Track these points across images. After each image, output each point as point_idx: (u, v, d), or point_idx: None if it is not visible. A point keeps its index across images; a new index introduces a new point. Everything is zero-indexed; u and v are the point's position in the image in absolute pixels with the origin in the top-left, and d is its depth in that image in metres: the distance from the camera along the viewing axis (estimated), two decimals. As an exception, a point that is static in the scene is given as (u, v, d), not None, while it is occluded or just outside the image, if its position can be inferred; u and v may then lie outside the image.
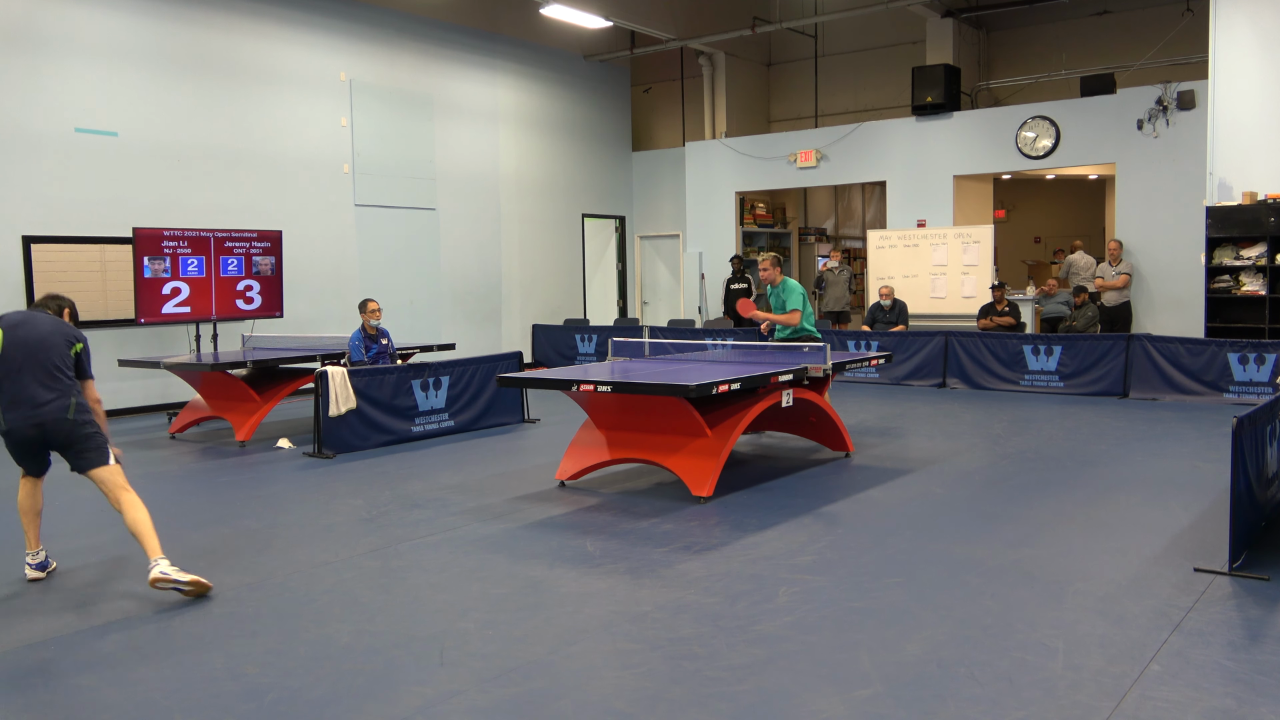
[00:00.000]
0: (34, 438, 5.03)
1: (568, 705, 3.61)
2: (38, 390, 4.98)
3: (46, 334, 5.10)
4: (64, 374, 5.08)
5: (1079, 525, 5.93)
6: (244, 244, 11.57)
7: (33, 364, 5.01)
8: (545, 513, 6.49)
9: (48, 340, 5.08)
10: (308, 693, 3.76)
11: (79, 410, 5.05)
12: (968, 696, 3.60)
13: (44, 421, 4.96)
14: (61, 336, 5.15)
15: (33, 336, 5.06)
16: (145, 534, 4.94)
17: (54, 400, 5.00)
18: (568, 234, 17.29)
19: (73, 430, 5.01)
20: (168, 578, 4.76)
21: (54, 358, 5.06)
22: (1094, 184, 18.62)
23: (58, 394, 5.01)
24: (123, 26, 11.30)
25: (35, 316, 5.20)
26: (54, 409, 4.98)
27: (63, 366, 5.08)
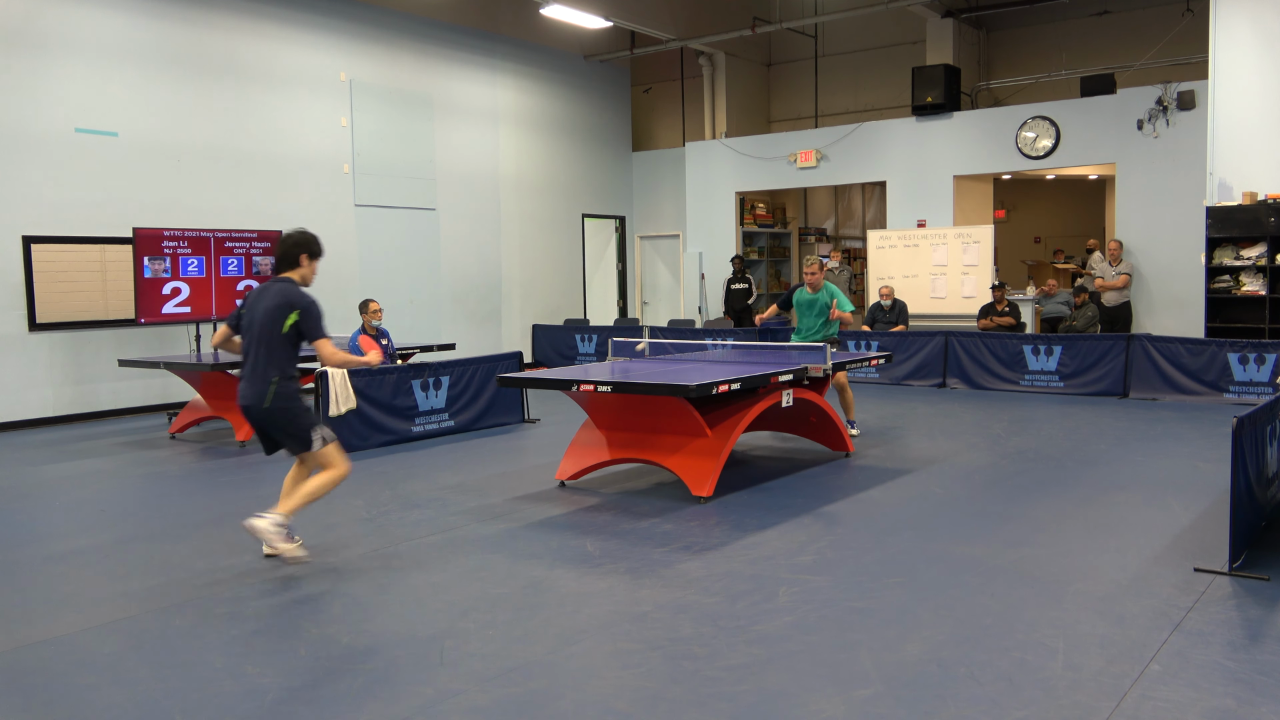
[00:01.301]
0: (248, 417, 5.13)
1: (568, 705, 3.61)
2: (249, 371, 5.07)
3: (262, 307, 5.09)
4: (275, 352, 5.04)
5: (1079, 525, 5.93)
6: (244, 244, 11.57)
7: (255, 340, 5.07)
8: (545, 513, 6.49)
9: (262, 313, 5.08)
10: (308, 693, 3.76)
11: (277, 397, 5.01)
12: (968, 696, 3.60)
13: (249, 403, 5.05)
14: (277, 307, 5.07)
15: (254, 311, 5.12)
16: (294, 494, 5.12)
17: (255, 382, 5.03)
18: (568, 234, 17.29)
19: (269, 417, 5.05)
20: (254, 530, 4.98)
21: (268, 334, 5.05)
22: (1094, 184, 18.62)
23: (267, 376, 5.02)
24: (123, 26, 11.30)
25: (263, 289, 5.20)
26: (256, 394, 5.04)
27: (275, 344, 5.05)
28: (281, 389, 5.02)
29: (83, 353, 11.11)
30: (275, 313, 5.04)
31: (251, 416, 5.11)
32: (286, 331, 5.03)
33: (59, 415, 10.96)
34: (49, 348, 10.85)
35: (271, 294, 5.12)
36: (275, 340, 5.02)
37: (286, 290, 5.14)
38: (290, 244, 5.28)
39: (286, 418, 5.06)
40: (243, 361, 5.13)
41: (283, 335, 5.03)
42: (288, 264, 5.28)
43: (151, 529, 6.30)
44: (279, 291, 5.12)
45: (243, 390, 5.09)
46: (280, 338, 5.02)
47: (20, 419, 10.67)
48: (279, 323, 5.02)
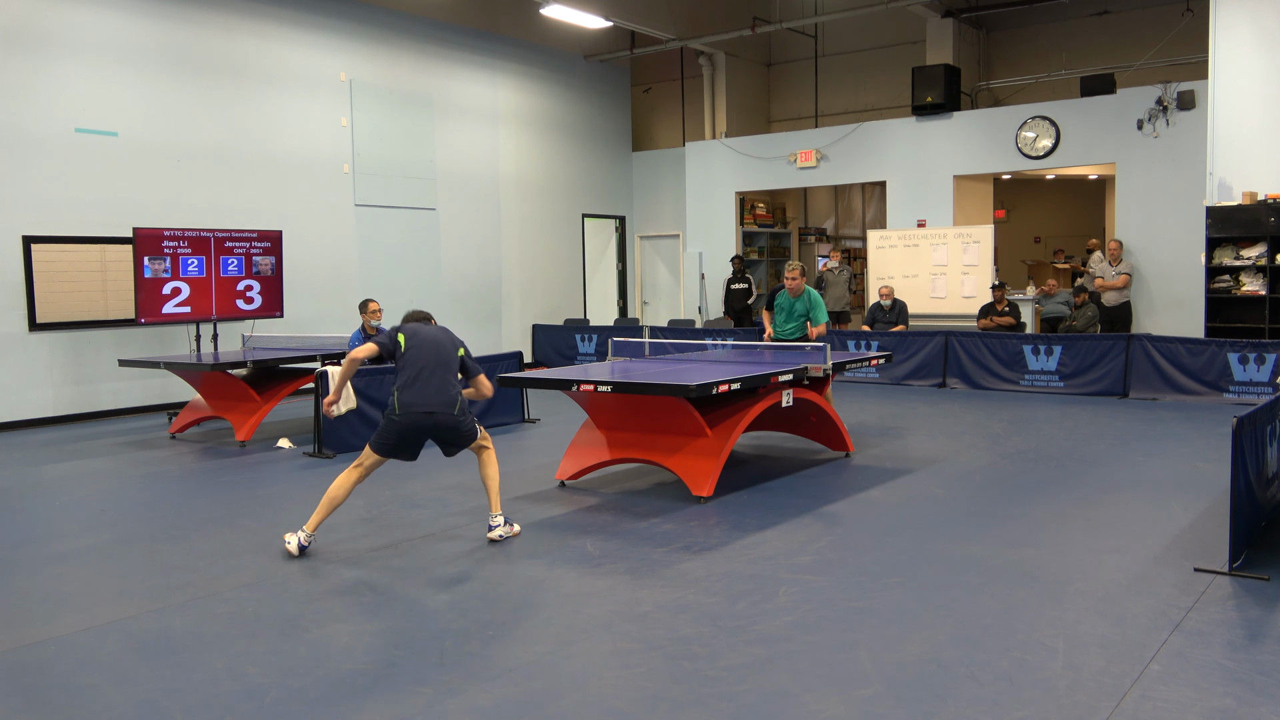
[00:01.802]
0: (425, 425, 5.58)
1: (568, 705, 3.61)
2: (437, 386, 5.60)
3: (441, 339, 5.78)
4: (454, 374, 5.74)
5: (1079, 525, 5.93)
6: (244, 244, 11.57)
7: (435, 363, 5.64)
8: (545, 513, 6.49)
9: (443, 344, 5.75)
10: (308, 693, 3.76)
11: (463, 409, 5.68)
12: (968, 696, 3.60)
13: (436, 412, 5.56)
14: (451, 342, 5.81)
15: (431, 339, 5.72)
16: (491, 488, 5.86)
17: (447, 395, 5.62)
18: (568, 234, 17.29)
19: (457, 425, 5.66)
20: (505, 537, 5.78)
21: (449, 359, 5.73)
22: (1094, 184, 18.62)
23: (453, 390, 5.65)
24: (123, 26, 11.30)
25: (423, 327, 5.84)
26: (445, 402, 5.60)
27: (454, 368, 5.75)
28: (465, 401, 5.75)
29: (83, 353, 11.11)
30: (451, 345, 5.78)
31: (435, 419, 5.58)
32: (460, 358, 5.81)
33: (59, 415, 10.96)
34: (49, 348, 10.85)
35: (436, 329, 5.86)
36: (454, 364, 5.72)
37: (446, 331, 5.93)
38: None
39: (468, 422, 5.75)
40: (417, 378, 5.61)
41: (458, 358, 5.79)
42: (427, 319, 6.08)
43: (151, 529, 6.30)
44: (442, 329, 5.89)
45: (429, 399, 5.56)
46: (457, 361, 5.77)
47: (20, 419, 10.67)
48: (454, 351, 5.77)
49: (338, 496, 5.59)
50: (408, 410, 5.54)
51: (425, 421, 5.59)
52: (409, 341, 5.71)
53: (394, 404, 5.55)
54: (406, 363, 5.64)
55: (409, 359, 5.64)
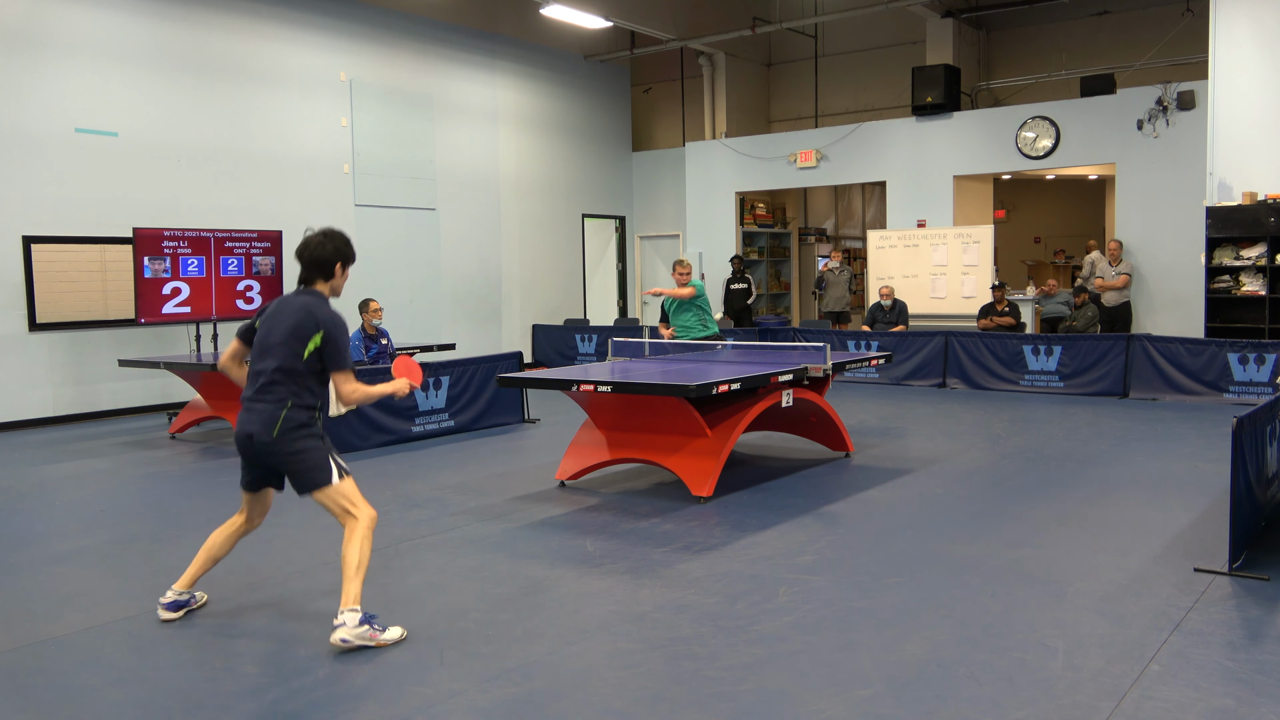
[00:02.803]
0: (247, 452, 4.29)
1: (568, 705, 3.61)
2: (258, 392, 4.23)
3: (292, 318, 4.24)
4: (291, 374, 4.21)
5: (1079, 525, 5.93)
6: (244, 244, 11.57)
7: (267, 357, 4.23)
8: (545, 513, 6.49)
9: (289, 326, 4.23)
10: (308, 693, 3.76)
11: (292, 432, 4.18)
12: (968, 696, 3.60)
13: (253, 434, 4.21)
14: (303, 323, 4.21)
15: (277, 317, 4.28)
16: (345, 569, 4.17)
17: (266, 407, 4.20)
18: (568, 234, 17.28)
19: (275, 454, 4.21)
20: (348, 644, 4.06)
21: (288, 349, 4.20)
22: (1094, 184, 18.62)
23: (278, 397, 4.19)
24: (123, 26, 11.30)
25: (287, 299, 4.34)
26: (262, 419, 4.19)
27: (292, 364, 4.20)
28: (292, 415, 4.17)
29: (83, 353, 11.11)
30: (298, 331, 4.19)
31: (253, 449, 4.23)
32: (307, 358, 4.20)
33: (59, 415, 10.96)
34: (49, 348, 10.85)
35: (293, 309, 4.25)
36: (294, 365, 4.19)
37: (313, 305, 4.26)
38: (326, 250, 4.36)
39: (293, 447, 4.18)
40: (249, 385, 4.28)
41: (304, 361, 4.20)
42: (321, 272, 4.38)
43: (151, 529, 6.30)
44: (303, 306, 4.24)
45: (243, 419, 4.24)
46: (301, 363, 4.20)
47: (20, 419, 10.67)
48: (301, 344, 4.18)
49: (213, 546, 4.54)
50: (236, 431, 4.29)
51: (246, 447, 4.24)
52: (260, 323, 4.34)
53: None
54: (251, 358, 4.33)
55: (253, 351, 4.32)
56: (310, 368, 4.22)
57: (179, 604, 4.54)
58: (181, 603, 4.55)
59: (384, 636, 4.13)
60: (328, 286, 4.42)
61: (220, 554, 4.57)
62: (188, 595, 4.58)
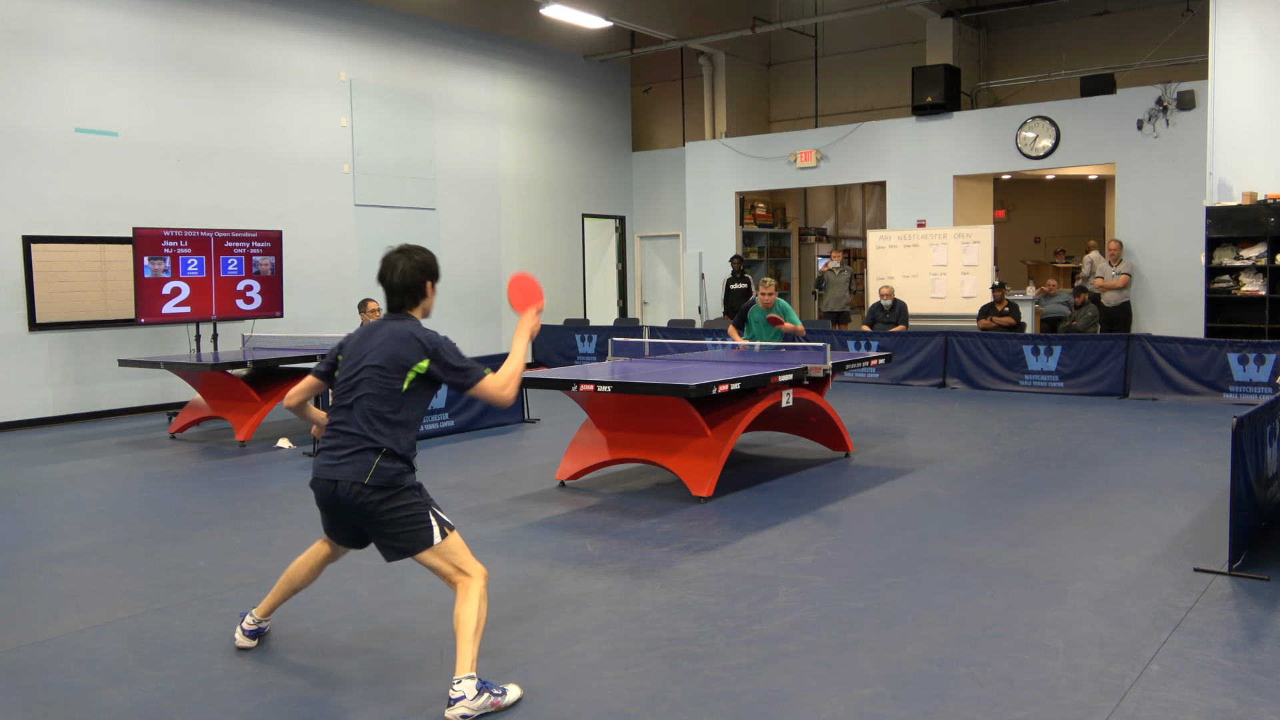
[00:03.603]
0: (330, 504, 3.72)
1: (568, 705, 3.61)
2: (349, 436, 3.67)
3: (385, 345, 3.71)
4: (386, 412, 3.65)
5: (1079, 525, 5.93)
6: (244, 244, 11.57)
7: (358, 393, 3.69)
8: (545, 513, 6.49)
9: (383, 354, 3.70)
10: (308, 693, 3.76)
11: (389, 482, 3.61)
12: (968, 696, 3.60)
13: (339, 481, 3.63)
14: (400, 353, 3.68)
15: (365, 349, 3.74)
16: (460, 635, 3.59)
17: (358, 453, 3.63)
18: (568, 234, 17.29)
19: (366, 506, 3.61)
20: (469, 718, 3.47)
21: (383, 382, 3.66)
22: (1094, 184, 18.62)
23: (373, 443, 3.62)
24: (123, 26, 11.30)
25: (374, 326, 3.79)
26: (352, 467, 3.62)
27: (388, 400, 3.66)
28: (386, 464, 3.61)
29: (83, 353, 11.11)
30: (396, 360, 3.65)
31: (340, 500, 3.64)
32: (407, 390, 3.65)
33: (59, 415, 10.96)
34: (49, 348, 10.85)
35: (386, 335, 3.71)
36: (390, 400, 3.64)
37: (403, 330, 3.71)
38: (415, 266, 3.80)
39: (392, 502, 3.61)
40: (332, 424, 3.74)
41: (402, 395, 3.65)
42: (410, 296, 3.81)
43: (151, 529, 6.30)
44: (394, 334, 3.70)
45: (323, 463, 3.68)
46: (399, 397, 3.65)
47: (20, 419, 10.67)
48: (399, 378, 3.65)
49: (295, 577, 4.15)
50: (314, 478, 3.73)
51: (328, 497, 3.68)
52: (344, 357, 3.82)
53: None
54: (335, 394, 3.78)
55: (337, 386, 3.77)
56: (409, 402, 3.67)
57: (257, 633, 4.21)
58: (259, 631, 4.22)
59: (506, 700, 3.57)
60: (419, 309, 3.84)
61: (303, 585, 4.15)
62: (267, 623, 4.25)
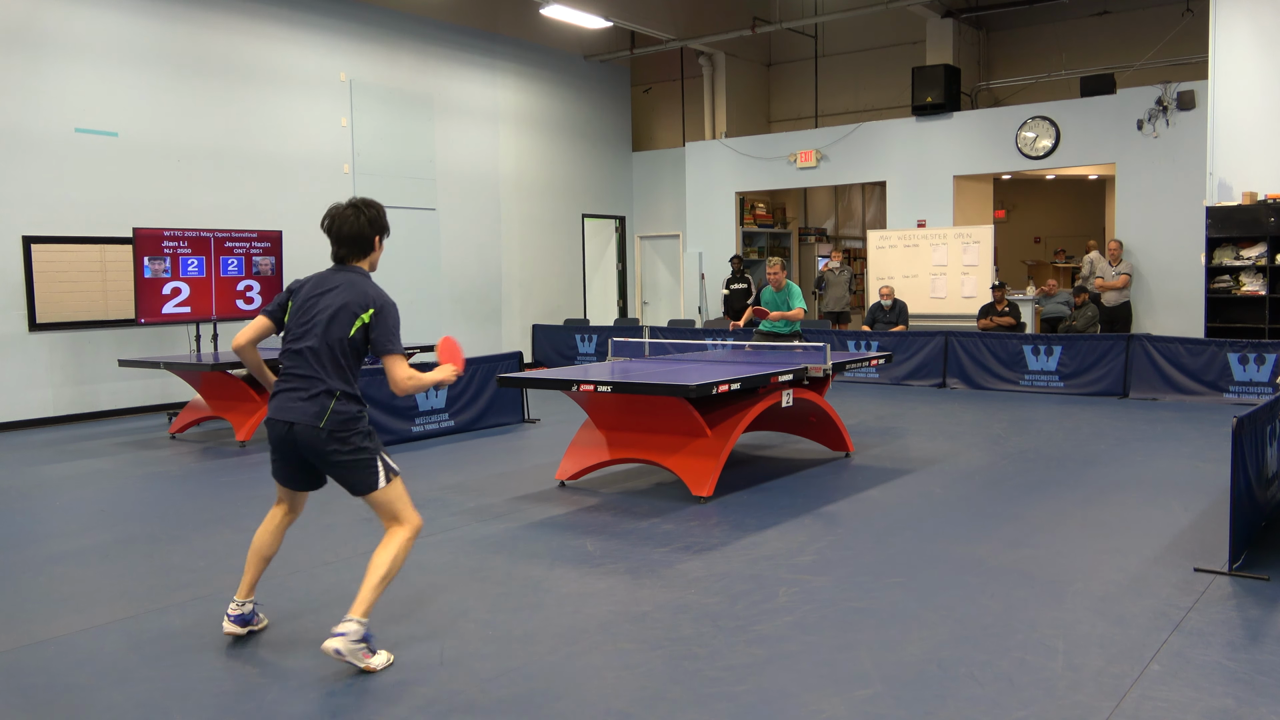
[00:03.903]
0: (287, 442, 3.95)
1: (568, 705, 3.61)
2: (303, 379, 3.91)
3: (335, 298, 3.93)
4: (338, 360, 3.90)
5: (1079, 525, 5.93)
6: (244, 244, 11.57)
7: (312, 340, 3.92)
8: (545, 513, 6.49)
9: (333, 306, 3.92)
10: (308, 693, 3.76)
11: (340, 424, 3.86)
12: (968, 696, 3.60)
13: (295, 423, 3.87)
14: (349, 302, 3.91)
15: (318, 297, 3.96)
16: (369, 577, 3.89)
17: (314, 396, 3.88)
18: (568, 234, 17.29)
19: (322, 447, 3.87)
20: (340, 656, 3.81)
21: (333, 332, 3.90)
22: (1094, 184, 18.62)
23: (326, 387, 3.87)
24: (123, 26, 11.30)
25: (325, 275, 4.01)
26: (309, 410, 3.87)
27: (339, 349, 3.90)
28: (341, 408, 3.86)
29: (83, 353, 11.11)
30: (348, 307, 3.89)
31: (296, 440, 3.88)
32: (353, 335, 3.89)
33: (59, 415, 10.96)
34: (49, 348, 10.85)
35: (338, 284, 3.95)
36: (340, 346, 3.89)
37: (359, 283, 3.95)
38: (365, 221, 4.00)
39: (345, 445, 3.87)
40: (286, 368, 3.95)
41: (349, 340, 3.90)
42: (359, 248, 4.03)
43: (151, 529, 6.30)
44: (350, 284, 3.94)
45: (281, 405, 3.90)
46: (347, 343, 3.90)
47: (20, 419, 10.67)
48: (347, 324, 3.89)
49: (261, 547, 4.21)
50: (269, 418, 3.94)
51: (286, 437, 3.90)
52: (295, 303, 4.00)
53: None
54: (287, 338, 3.97)
55: (289, 331, 3.96)
56: (355, 348, 3.90)
57: (245, 618, 4.24)
58: (247, 617, 4.24)
59: (372, 662, 3.87)
60: (366, 262, 4.06)
61: (270, 552, 4.23)
62: (251, 606, 4.26)
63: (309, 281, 4.04)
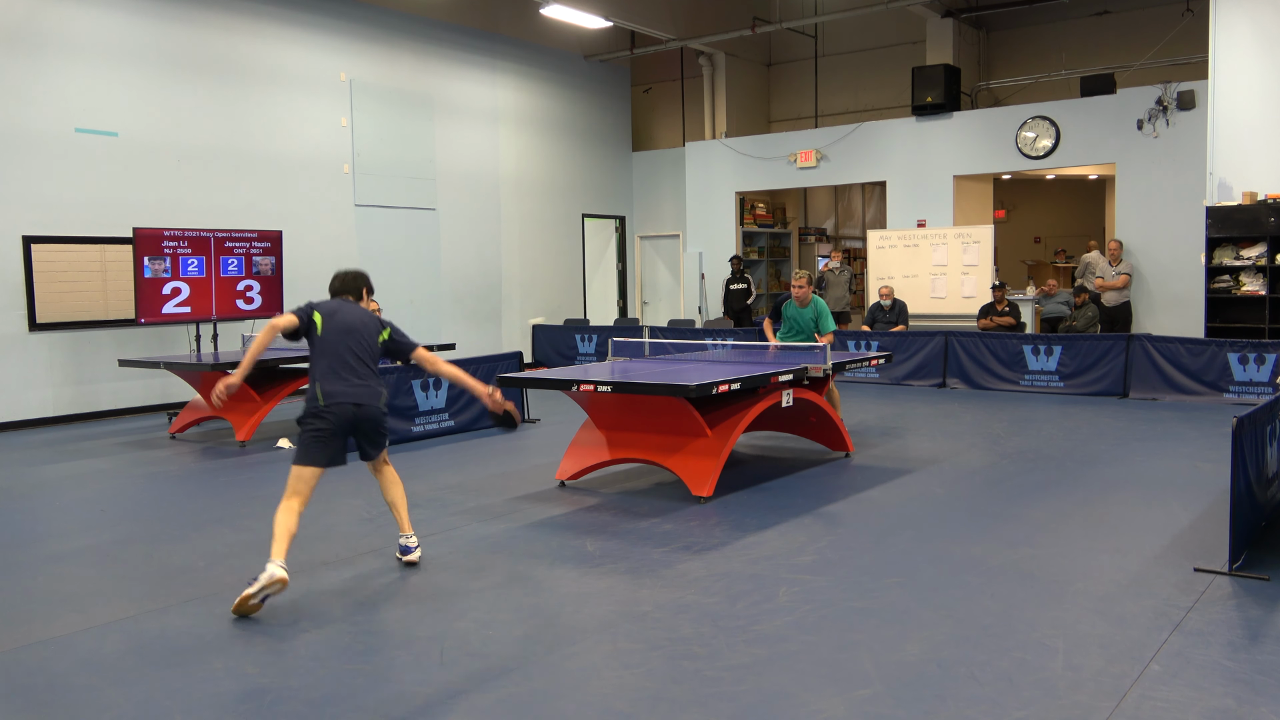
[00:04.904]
0: (350, 419, 5.03)
1: (568, 705, 3.61)
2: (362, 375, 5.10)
3: (361, 322, 5.20)
4: (377, 363, 5.22)
5: (1079, 525, 5.93)
6: (244, 244, 11.57)
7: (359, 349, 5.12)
8: (545, 513, 6.49)
9: (363, 327, 5.18)
10: (308, 693, 3.76)
11: (385, 404, 5.22)
12: (968, 696, 3.60)
13: (364, 404, 5.03)
14: (372, 325, 5.24)
15: (349, 323, 5.15)
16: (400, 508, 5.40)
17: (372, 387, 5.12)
18: (568, 234, 17.29)
19: (380, 420, 5.18)
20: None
21: (371, 345, 5.19)
22: (1094, 184, 18.62)
23: (377, 381, 5.17)
24: (123, 26, 11.30)
25: (344, 306, 5.26)
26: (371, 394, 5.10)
27: (377, 355, 5.23)
28: (384, 394, 5.22)
29: (83, 353, 11.11)
30: (372, 325, 5.22)
31: (361, 416, 5.08)
32: (383, 343, 5.27)
33: (59, 415, 10.96)
34: (49, 348, 10.85)
35: (355, 309, 5.26)
36: (376, 350, 5.21)
37: (367, 310, 5.36)
38: (360, 279, 5.46)
39: (384, 421, 5.26)
40: (341, 366, 5.07)
41: (379, 345, 5.25)
42: (354, 292, 5.41)
43: (151, 529, 6.30)
44: (361, 309, 5.31)
45: (351, 392, 5.04)
46: (378, 348, 5.24)
47: (20, 419, 10.67)
48: (376, 334, 5.21)
49: (291, 527, 4.86)
50: (334, 401, 5.00)
51: (352, 415, 5.06)
52: (325, 324, 5.13)
53: (316, 394, 4.98)
54: (325, 348, 5.07)
55: (326, 344, 5.08)
56: (378, 355, 5.25)
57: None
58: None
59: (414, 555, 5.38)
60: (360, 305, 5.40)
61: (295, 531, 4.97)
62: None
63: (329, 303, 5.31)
